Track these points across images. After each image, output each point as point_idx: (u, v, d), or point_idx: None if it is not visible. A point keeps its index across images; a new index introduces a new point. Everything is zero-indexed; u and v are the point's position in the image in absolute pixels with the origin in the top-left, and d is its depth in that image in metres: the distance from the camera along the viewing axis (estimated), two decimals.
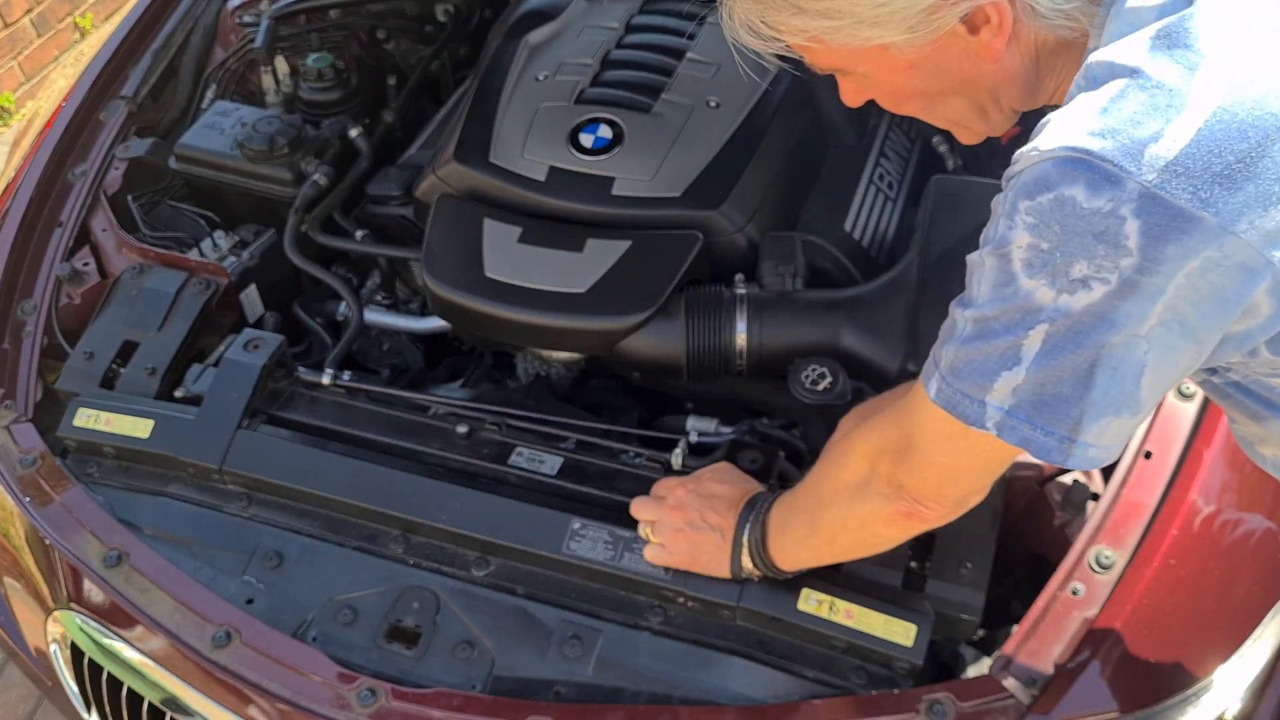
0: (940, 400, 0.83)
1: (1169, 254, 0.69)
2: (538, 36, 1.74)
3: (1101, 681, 1.17)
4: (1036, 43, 0.82)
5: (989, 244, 0.77)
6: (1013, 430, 0.79)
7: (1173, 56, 0.70)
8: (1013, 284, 0.75)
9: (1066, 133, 0.71)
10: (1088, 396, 0.75)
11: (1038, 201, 0.72)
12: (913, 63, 0.84)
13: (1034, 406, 0.77)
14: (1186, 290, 0.71)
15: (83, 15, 4.03)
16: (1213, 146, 0.68)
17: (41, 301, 1.64)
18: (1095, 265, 0.71)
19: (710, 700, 1.21)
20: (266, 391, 1.48)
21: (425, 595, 1.30)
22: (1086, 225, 0.70)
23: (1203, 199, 0.68)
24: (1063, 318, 0.73)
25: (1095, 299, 0.72)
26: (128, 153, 1.83)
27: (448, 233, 1.54)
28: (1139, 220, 0.68)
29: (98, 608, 1.37)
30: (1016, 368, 0.76)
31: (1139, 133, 0.69)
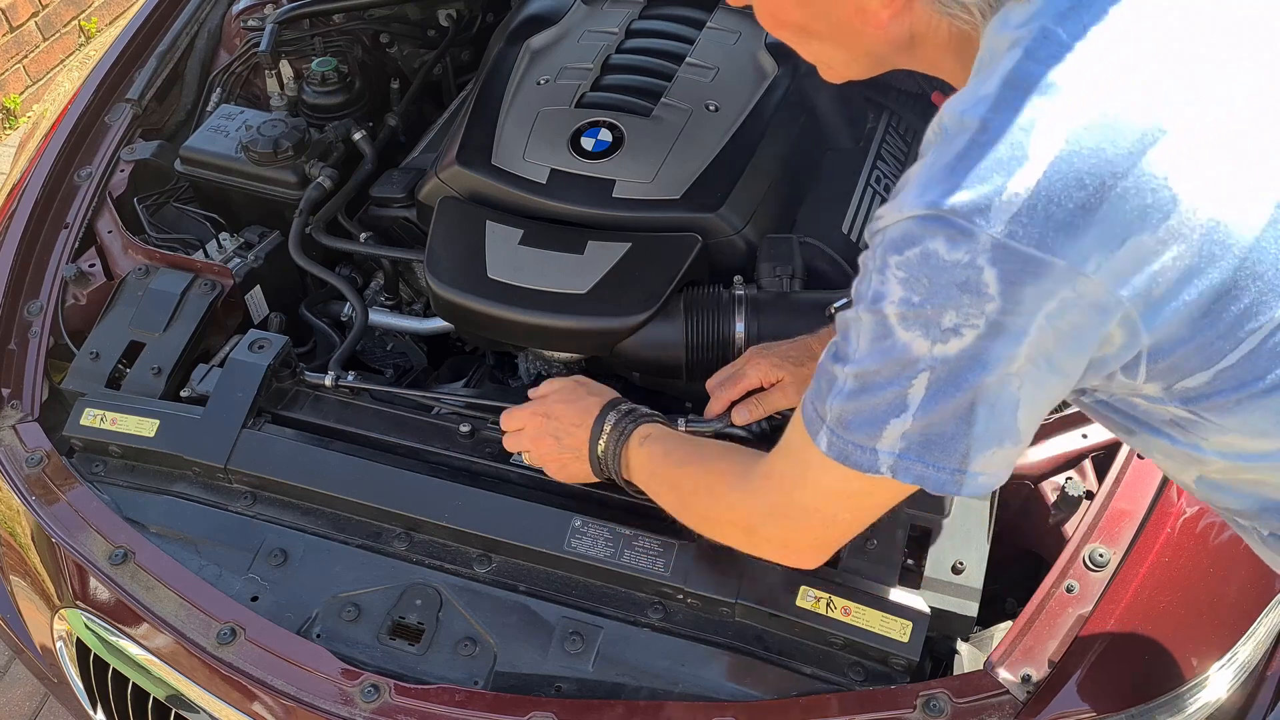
0: (833, 453, 0.85)
1: (1027, 297, 0.73)
2: (539, 41, 1.76)
3: (1096, 678, 1.18)
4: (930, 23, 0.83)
5: (862, 301, 0.80)
6: (906, 470, 0.82)
7: (1015, 108, 0.73)
8: (890, 338, 0.79)
9: (923, 192, 0.75)
10: (971, 432, 0.79)
11: (906, 256, 0.76)
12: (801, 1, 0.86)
13: (923, 447, 0.81)
14: (1048, 329, 0.75)
15: (88, 19, 4.05)
16: (1053, 196, 0.71)
17: (48, 302, 1.65)
18: (963, 314, 0.75)
19: (709, 696, 1.22)
20: (271, 391, 1.49)
21: (428, 592, 1.32)
22: (950, 277, 0.74)
23: (1049, 246, 0.72)
24: (941, 365, 0.77)
25: (967, 344, 0.76)
26: (133, 155, 1.84)
27: (450, 234, 1.55)
28: (995, 269, 0.72)
29: (103, 605, 1.38)
30: (904, 415, 0.80)
31: (985, 188, 0.72)
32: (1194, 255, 0.73)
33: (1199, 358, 0.78)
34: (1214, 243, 0.73)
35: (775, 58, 1.68)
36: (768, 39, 1.71)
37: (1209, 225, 0.73)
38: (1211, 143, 0.73)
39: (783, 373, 1.32)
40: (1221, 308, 0.75)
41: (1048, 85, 0.73)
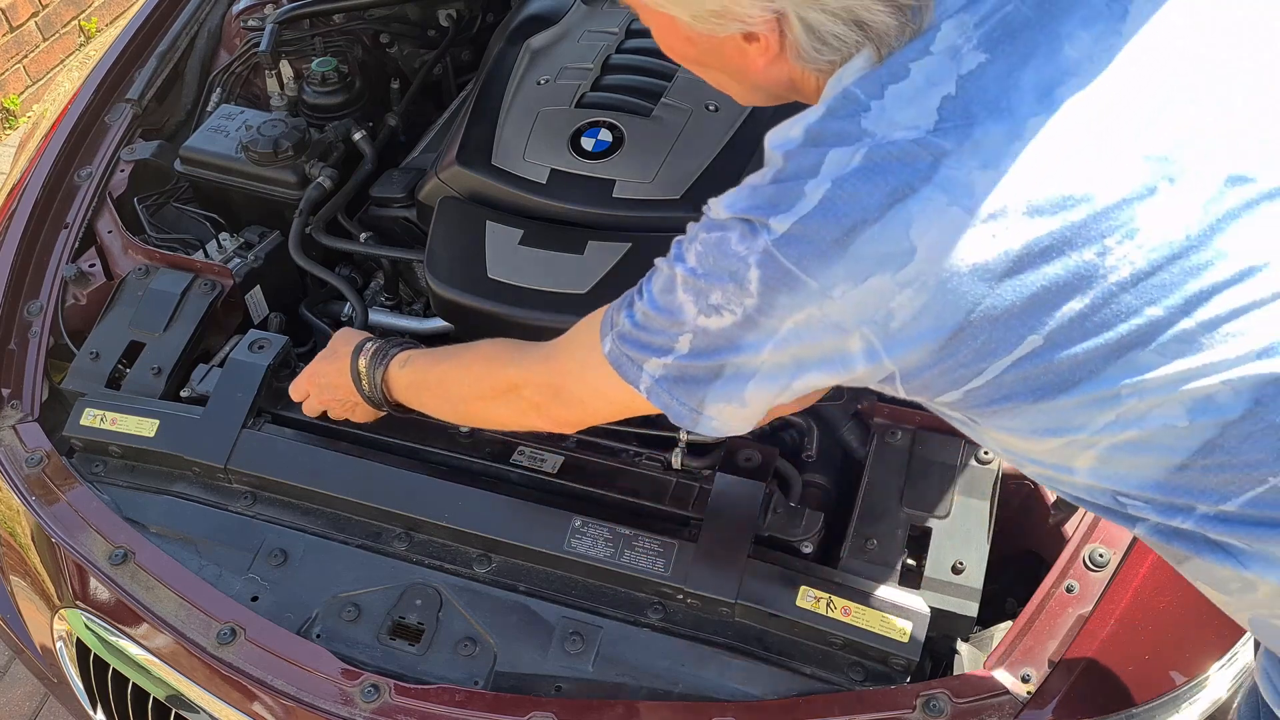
0: (610, 358, 1.00)
1: (780, 303, 0.87)
2: (539, 41, 1.76)
3: (1096, 678, 1.18)
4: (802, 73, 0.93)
5: (671, 257, 0.95)
6: (657, 396, 0.98)
7: (806, 154, 0.86)
8: (672, 294, 0.94)
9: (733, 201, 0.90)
10: (710, 387, 0.95)
11: (708, 237, 0.91)
12: (691, 38, 0.94)
13: (674, 383, 0.96)
14: (795, 335, 0.88)
15: (88, 19, 4.05)
16: (815, 229, 0.84)
17: (48, 302, 1.65)
18: (725, 297, 0.89)
19: (709, 696, 1.22)
20: (271, 391, 1.49)
21: (428, 592, 1.32)
22: (726, 264, 0.88)
23: (804, 267, 0.85)
24: (702, 334, 0.92)
25: (725, 325, 0.90)
26: (133, 155, 1.84)
27: (450, 234, 1.55)
28: (760, 271, 0.86)
29: (103, 605, 1.38)
30: (667, 356, 0.95)
31: (775, 210, 0.86)
32: (928, 299, 0.83)
33: (945, 380, 0.88)
34: (948, 291, 0.82)
35: None
36: None
37: (944, 277, 0.82)
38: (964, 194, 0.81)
39: None
40: (957, 345, 0.85)
41: (834, 138, 0.86)
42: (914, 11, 0.85)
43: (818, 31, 0.87)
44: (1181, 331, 0.81)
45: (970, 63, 0.84)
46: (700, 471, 1.37)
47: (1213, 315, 0.81)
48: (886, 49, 0.86)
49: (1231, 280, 0.81)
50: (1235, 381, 0.82)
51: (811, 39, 0.88)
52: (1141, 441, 0.86)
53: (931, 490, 1.33)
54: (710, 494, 1.32)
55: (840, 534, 1.32)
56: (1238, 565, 0.88)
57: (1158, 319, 0.81)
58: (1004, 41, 0.85)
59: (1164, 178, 0.82)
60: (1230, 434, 0.83)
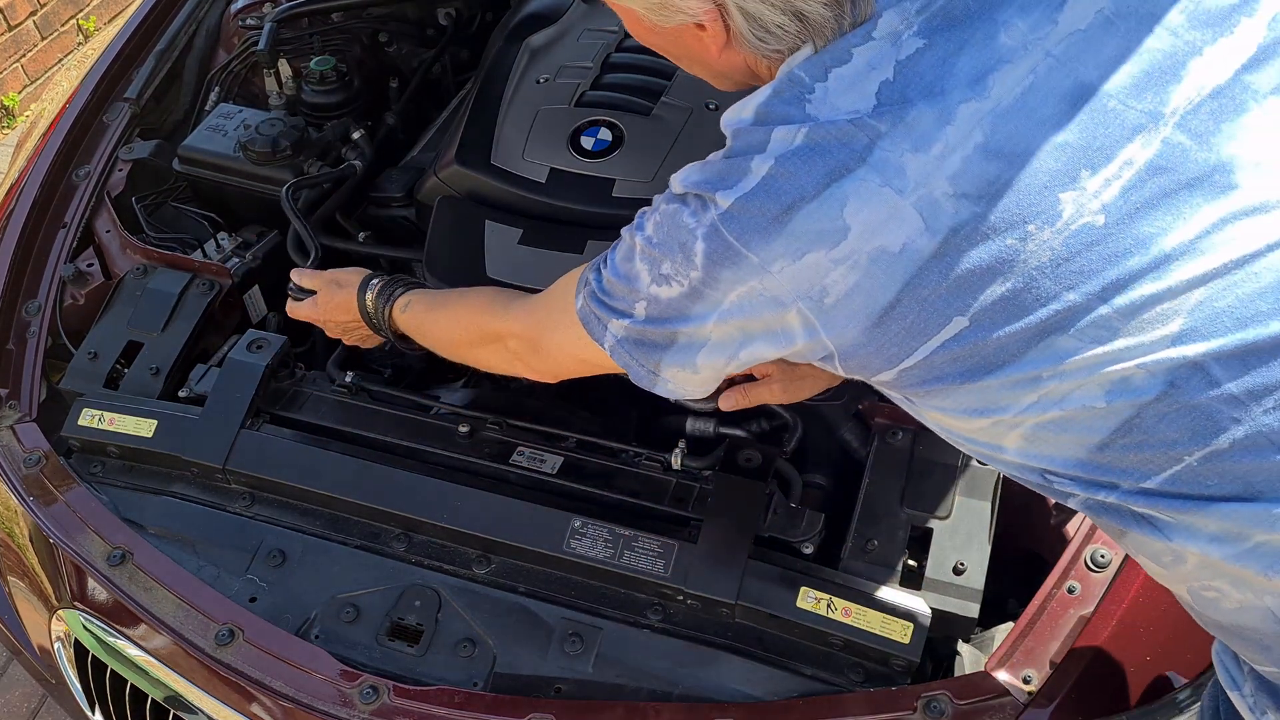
0: (580, 314, 1.05)
1: (724, 277, 0.90)
2: (538, 40, 1.75)
3: (1097, 679, 1.18)
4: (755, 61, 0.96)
5: (634, 225, 0.99)
6: (619, 355, 1.02)
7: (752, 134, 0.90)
8: (631, 262, 0.98)
9: (687, 175, 0.94)
10: (666, 353, 0.99)
11: (668, 207, 0.95)
12: (653, 29, 0.98)
13: (635, 344, 1.01)
14: (738, 307, 0.92)
15: (86, 17, 4.05)
16: (757, 205, 0.87)
17: (46, 302, 1.65)
18: (674, 268, 0.93)
19: (709, 697, 1.22)
20: (270, 391, 1.49)
21: (427, 593, 1.32)
22: (677, 236, 0.92)
23: (745, 242, 0.88)
24: (654, 302, 0.97)
25: (674, 295, 0.94)
26: (131, 154, 1.84)
27: (449, 234, 1.55)
28: (705, 244, 0.90)
29: (102, 606, 1.38)
30: (629, 320, 1.00)
31: (720, 185, 0.90)
32: (859, 277, 0.86)
33: (879, 359, 0.91)
34: (879, 270, 0.85)
35: None
36: None
37: (875, 256, 0.85)
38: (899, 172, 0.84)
39: (774, 369, 1.32)
40: (887, 324, 0.88)
41: (779, 119, 0.89)
42: (851, 5, 0.88)
43: (759, 20, 0.90)
44: (1099, 317, 0.84)
45: (909, 48, 0.87)
46: (700, 472, 1.37)
47: (1129, 302, 0.83)
48: (823, 40, 0.90)
49: (1148, 268, 0.83)
50: (1150, 365, 0.84)
51: (753, 27, 0.91)
52: (1064, 421, 0.88)
53: (932, 491, 1.33)
54: (710, 494, 1.32)
55: (841, 534, 1.32)
56: (1164, 538, 0.90)
57: (1075, 304, 0.84)
58: (943, 29, 0.87)
59: (1085, 165, 0.84)
60: (1147, 414, 0.85)
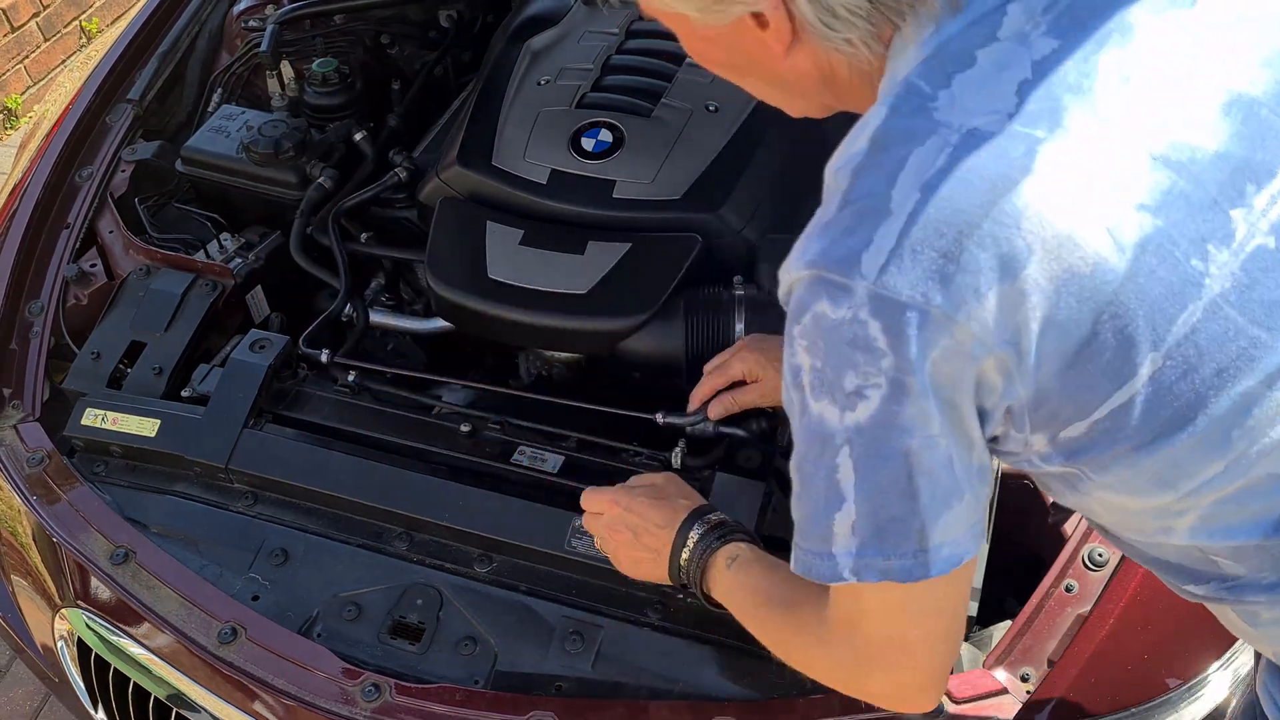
0: (799, 568, 0.83)
1: (914, 348, 0.73)
2: (539, 42, 1.76)
3: (1095, 678, 1.18)
4: (830, 60, 0.84)
5: (788, 378, 0.79)
6: (869, 568, 0.79)
7: (878, 164, 0.75)
8: (807, 411, 0.78)
9: (802, 254, 0.76)
10: (919, 506, 0.77)
11: (802, 324, 0.76)
12: (709, 36, 0.86)
13: (878, 538, 0.78)
14: (941, 378, 0.74)
15: (89, 19, 4.05)
16: (916, 246, 0.72)
17: (49, 302, 1.66)
18: (861, 373, 0.74)
19: (709, 695, 1.22)
20: (272, 391, 1.49)
21: (429, 592, 1.32)
22: (840, 336, 0.74)
23: (922, 293, 0.72)
24: (857, 436, 0.76)
25: (875, 408, 0.74)
26: (134, 155, 1.84)
27: (451, 235, 1.55)
28: (878, 320, 0.73)
29: (105, 605, 1.38)
30: (845, 504, 0.78)
31: (853, 241, 0.73)
32: (1051, 306, 0.73)
33: (1071, 407, 0.78)
34: (1071, 295, 0.73)
35: None
36: None
37: (1064, 278, 0.72)
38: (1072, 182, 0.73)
39: (765, 372, 1.33)
40: (1085, 360, 0.75)
41: (908, 136, 0.75)
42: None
43: (825, 3, 0.78)
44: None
45: (1043, 48, 0.77)
46: (700, 471, 1.37)
47: None
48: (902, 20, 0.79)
49: None
50: None
51: (819, 12, 0.78)
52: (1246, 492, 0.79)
53: None
54: (710, 494, 1.32)
55: None
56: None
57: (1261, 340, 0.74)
58: (1074, 29, 0.78)
59: (1249, 179, 0.76)
60: None
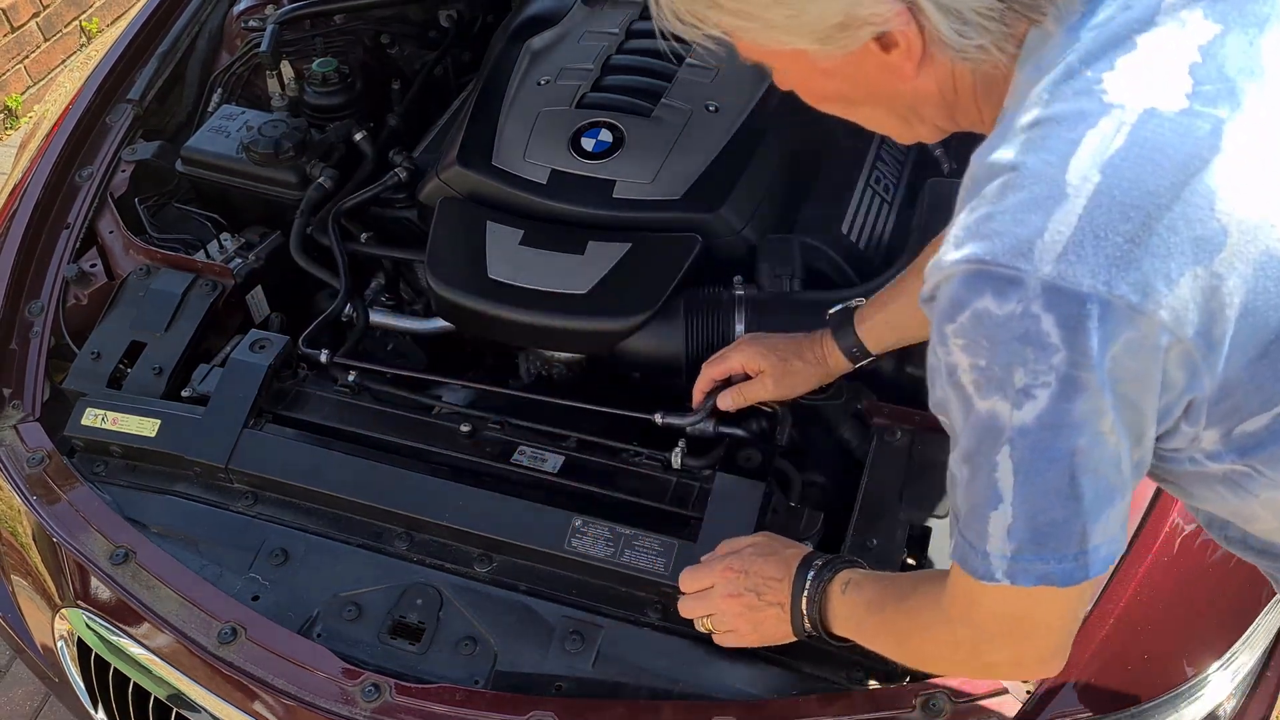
0: (956, 557, 0.82)
1: (1093, 342, 0.69)
2: (539, 42, 1.76)
3: (1094, 678, 1.18)
4: (954, 72, 0.82)
5: (940, 376, 0.77)
6: (1026, 573, 0.77)
7: (1045, 143, 0.71)
8: (973, 409, 0.75)
9: (960, 245, 0.72)
10: (1081, 508, 0.74)
11: (959, 323, 0.72)
12: (828, 69, 0.83)
13: (1036, 543, 0.76)
14: (1120, 372, 0.71)
15: (89, 19, 4.05)
16: (1098, 230, 0.68)
17: (49, 302, 1.66)
18: (1030, 370, 0.70)
19: (709, 695, 1.22)
20: (272, 391, 1.49)
21: (429, 592, 1.32)
22: (1008, 332, 0.70)
23: (1104, 281, 0.68)
24: (1020, 437, 0.73)
25: (1043, 407, 0.71)
26: (134, 155, 1.84)
27: (451, 235, 1.55)
28: (1052, 314, 0.69)
29: (105, 605, 1.38)
30: (1001, 505, 0.75)
31: (1024, 230, 0.69)
32: (1247, 291, 0.70)
33: (1257, 399, 0.75)
34: (1269, 278, 0.70)
35: None
36: None
37: (1261, 260, 0.69)
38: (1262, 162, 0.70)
39: (765, 364, 1.33)
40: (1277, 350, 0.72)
41: (1078, 118, 0.71)
42: None
43: (955, 10, 0.75)
44: None
45: (1205, 32, 0.74)
46: (700, 471, 1.37)
47: None
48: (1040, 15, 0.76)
49: None
50: None
51: (951, 20, 0.76)
52: None
53: (931, 490, 1.33)
54: (710, 494, 1.32)
55: (840, 534, 1.32)
56: None
57: None
58: (1232, 13, 0.75)
59: None
60: None
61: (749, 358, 1.34)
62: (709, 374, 1.37)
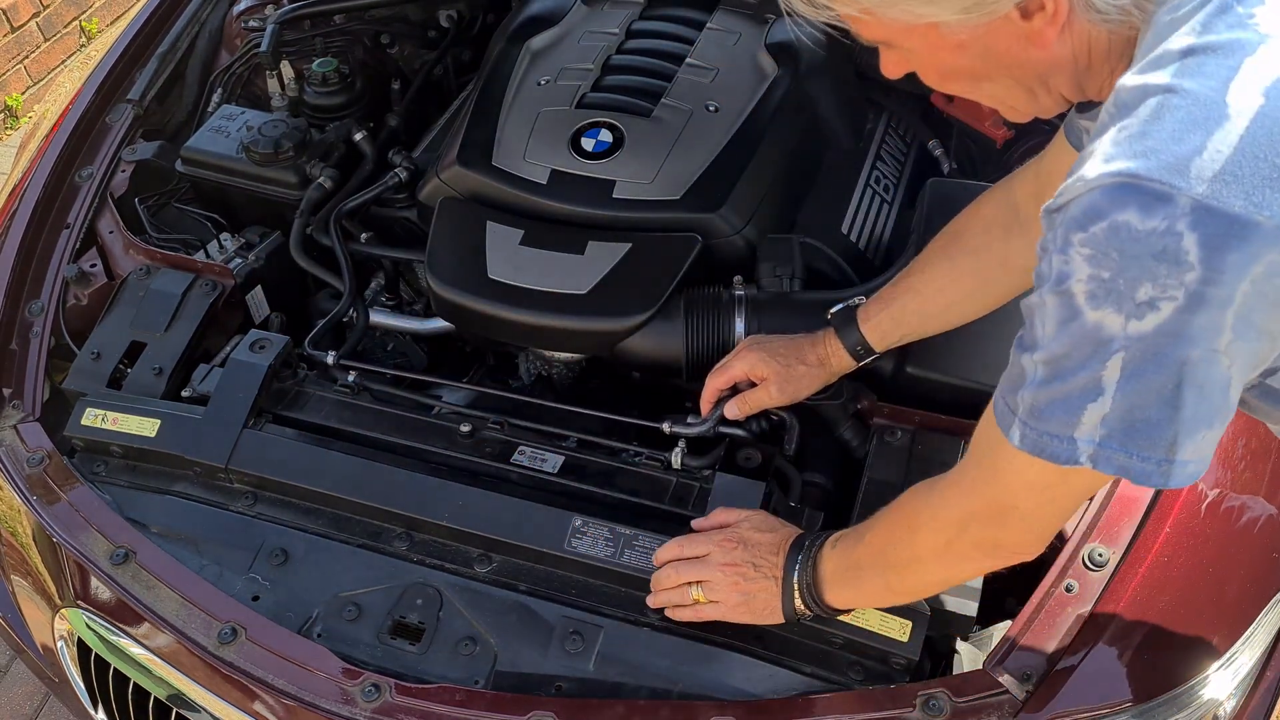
0: (1026, 445, 0.83)
1: (1231, 262, 0.70)
2: (539, 42, 1.76)
3: (1095, 677, 1.18)
4: (1090, 36, 0.82)
5: (1046, 283, 0.77)
6: (1108, 460, 0.79)
7: (1204, 69, 0.72)
8: (1078, 318, 0.75)
9: (1110, 159, 0.72)
10: (1179, 416, 0.75)
11: (1091, 232, 0.73)
12: (961, 42, 0.83)
13: (1126, 434, 0.77)
14: (1254, 296, 0.71)
15: (89, 19, 4.05)
16: (1258, 151, 0.69)
17: (49, 302, 1.66)
18: (1160, 285, 0.71)
19: (709, 695, 1.22)
20: (272, 391, 1.49)
21: (429, 592, 1.32)
22: (1145, 247, 0.71)
23: (1256, 203, 0.69)
24: (1136, 343, 0.74)
25: (1165, 318, 0.72)
26: (134, 155, 1.84)
27: (451, 235, 1.55)
28: (1196, 233, 0.69)
29: (105, 605, 1.38)
30: (1101, 398, 0.77)
31: (1181, 148, 0.70)
32: None
33: None
34: None
35: (775, 58, 1.68)
36: (768, 39, 1.71)
37: None
38: None
39: (768, 370, 1.33)
40: None
41: (1235, 46, 0.72)
42: None
43: None
44: None
45: None
46: (700, 471, 1.37)
47: None
48: None
49: None
50: None
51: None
52: None
53: None
54: (710, 494, 1.32)
55: None
56: None
57: None
58: None
59: None
60: None
61: (751, 364, 1.34)
62: (714, 384, 1.37)
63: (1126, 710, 1.18)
